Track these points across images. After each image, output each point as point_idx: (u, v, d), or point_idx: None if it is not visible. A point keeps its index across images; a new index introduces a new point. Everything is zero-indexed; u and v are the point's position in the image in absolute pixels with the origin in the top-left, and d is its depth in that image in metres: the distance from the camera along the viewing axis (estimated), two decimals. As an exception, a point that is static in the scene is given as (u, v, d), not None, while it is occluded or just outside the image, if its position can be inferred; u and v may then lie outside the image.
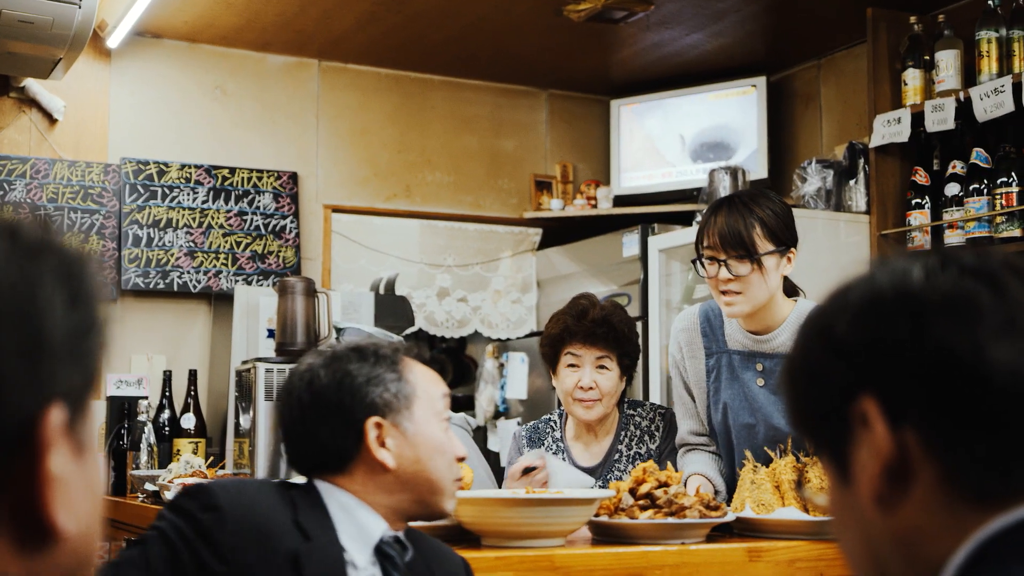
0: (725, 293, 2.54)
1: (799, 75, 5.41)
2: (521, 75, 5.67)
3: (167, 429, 4.33)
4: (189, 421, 4.35)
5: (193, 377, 4.48)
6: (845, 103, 5.11)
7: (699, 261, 2.60)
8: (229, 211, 5.15)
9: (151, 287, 4.94)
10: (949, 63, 4.01)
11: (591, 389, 2.90)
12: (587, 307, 2.95)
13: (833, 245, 4.29)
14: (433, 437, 1.76)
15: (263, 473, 3.81)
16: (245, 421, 3.99)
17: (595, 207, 5.69)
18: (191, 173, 5.10)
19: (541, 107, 5.87)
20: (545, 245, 5.77)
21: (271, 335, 4.42)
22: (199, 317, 5.06)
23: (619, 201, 5.66)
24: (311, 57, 5.36)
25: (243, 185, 5.19)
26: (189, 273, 5.02)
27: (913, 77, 4.16)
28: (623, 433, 2.99)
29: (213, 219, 5.11)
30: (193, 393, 4.43)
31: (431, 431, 1.76)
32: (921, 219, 4.16)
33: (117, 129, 5.00)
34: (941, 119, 3.97)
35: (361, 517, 1.72)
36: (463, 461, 1.81)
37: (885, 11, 4.33)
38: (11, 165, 4.76)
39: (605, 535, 2.33)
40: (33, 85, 4.75)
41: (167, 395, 4.42)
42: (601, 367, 2.91)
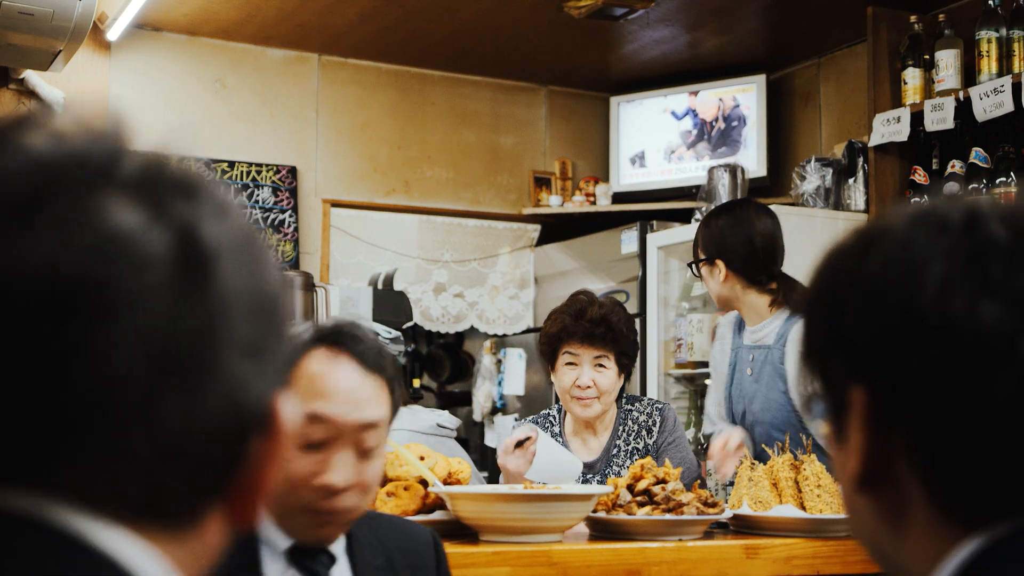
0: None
1: (799, 73, 5.41)
2: (521, 71, 5.67)
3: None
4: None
5: (191, 370, 4.47)
6: (845, 102, 5.11)
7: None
8: (228, 205, 5.14)
9: (149, 280, 4.94)
10: (949, 62, 4.01)
11: (589, 387, 2.90)
12: (585, 305, 2.94)
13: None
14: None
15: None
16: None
17: (594, 204, 5.69)
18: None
19: (541, 103, 5.88)
20: (544, 241, 5.77)
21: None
22: (197, 311, 5.06)
23: (618, 198, 5.66)
24: (311, 51, 5.36)
25: (242, 179, 5.18)
26: (187, 266, 5.02)
27: (913, 76, 4.16)
28: (621, 428, 2.99)
29: (212, 213, 5.10)
30: (191, 386, 4.43)
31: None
32: (920, 218, 4.16)
33: (116, 122, 4.99)
34: (940, 118, 3.97)
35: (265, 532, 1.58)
36: (334, 492, 1.52)
37: (885, 10, 4.33)
38: (10, 157, 4.75)
39: (603, 531, 2.33)
40: (33, 77, 4.74)
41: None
42: (599, 366, 2.92)
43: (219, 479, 0.62)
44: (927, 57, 4.15)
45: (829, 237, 0.85)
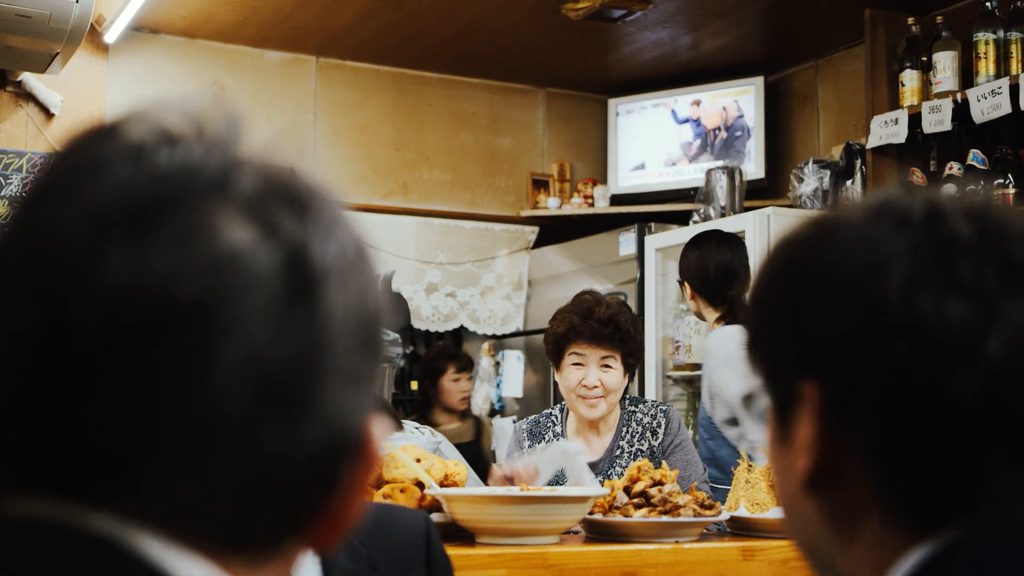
0: None
1: (797, 75, 5.41)
2: (519, 73, 5.67)
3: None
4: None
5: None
6: (842, 104, 5.11)
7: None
8: (226, 207, 5.14)
9: (147, 282, 4.94)
10: (946, 64, 4.01)
11: (595, 387, 2.89)
12: (592, 305, 2.92)
13: (829, 245, 4.29)
14: None
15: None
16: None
17: (592, 206, 5.69)
18: (188, 169, 5.09)
19: (539, 105, 5.87)
20: (542, 243, 5.77)
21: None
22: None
23: (616, 200, 5.66)
24: (309, 53, 5.36)
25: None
26: (185, 269, 5.02)
27: (910, 78, 4.16)
28: (625, 429, 2.98)
29: (209, 215, 5.11)
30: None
31: None
32: (917, 220, 4.15)
33: (114, 124, 4.99)
34: (938, 120, 3.97)
35: None
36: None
37: (883, 12, 4.33)
38: (7, 159, 4.75)
39: (599, 533, 2.33)
40: (30, 79, 4.74)
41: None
42: (605, 366, 2.90)
43: (310, 508, 0.60)
44: (925, 59, 4.15)
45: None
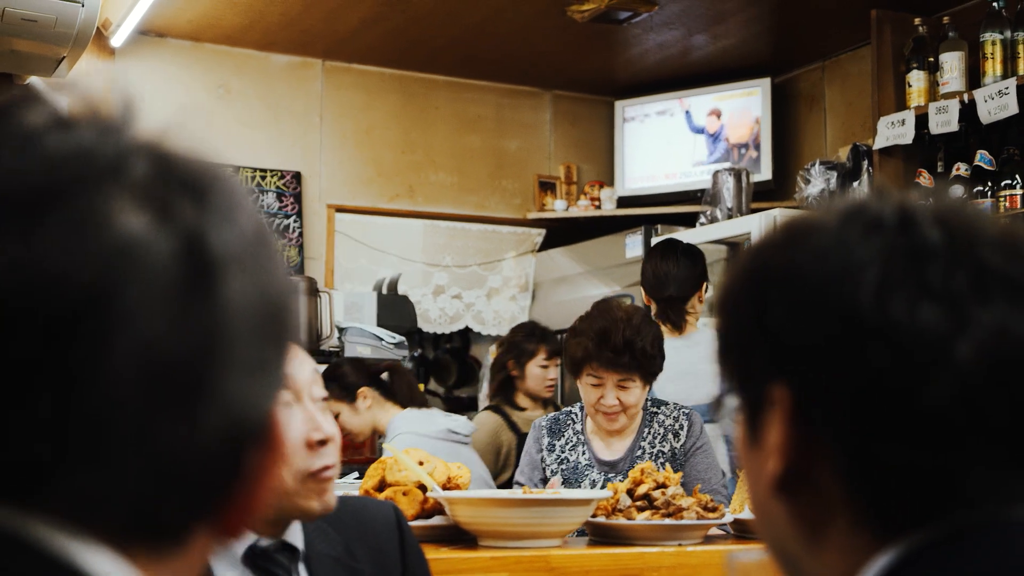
0: None
1: (803, 77, 5.40)
2: (525, 76, 5.66)
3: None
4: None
5: (195, 376, 4.47)
6: (849, 105, 5.10)
7: None
8: (232, 210, 5.15)
9: (154, 286, 4.95)
10: (953, 65, 3.99)
11: (614, 405, 2.86)
12: (609, 328, 2.81)
13: (836, 247, 4.28)
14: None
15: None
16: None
17: (599, 208, 5.68)
18: (195, 172, 5.10)
19: (545, 108, 5.87)
20: (549, 246, 5.77)
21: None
22: (202, 316, 5.06)
23: (623, 202, 5.65)
24: (315, 57, 5.36)
25: (246, 184, 5.19)
26: (192, 272, 5.03)
27: (917, 79, 4.15)
28: (646, 430, 2.95)
29: (216, 218, 5.12)
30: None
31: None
32: (924, 221, 4.14)
33: (121, 128, 5.01)
34: (945, 121, 3.95)
35: None
36: (324, 445, 1.50)
37: (889, 13, 4.31)
38: (15, 163, 4.77)
39: (602, 536, 2.32)
40: (37, 83, 4.75)
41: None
42: (623, 386, 2.85)
43: (213, 497, 0.60)
44: (931, 60, 4.13)
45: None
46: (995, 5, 3.87)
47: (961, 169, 4.02)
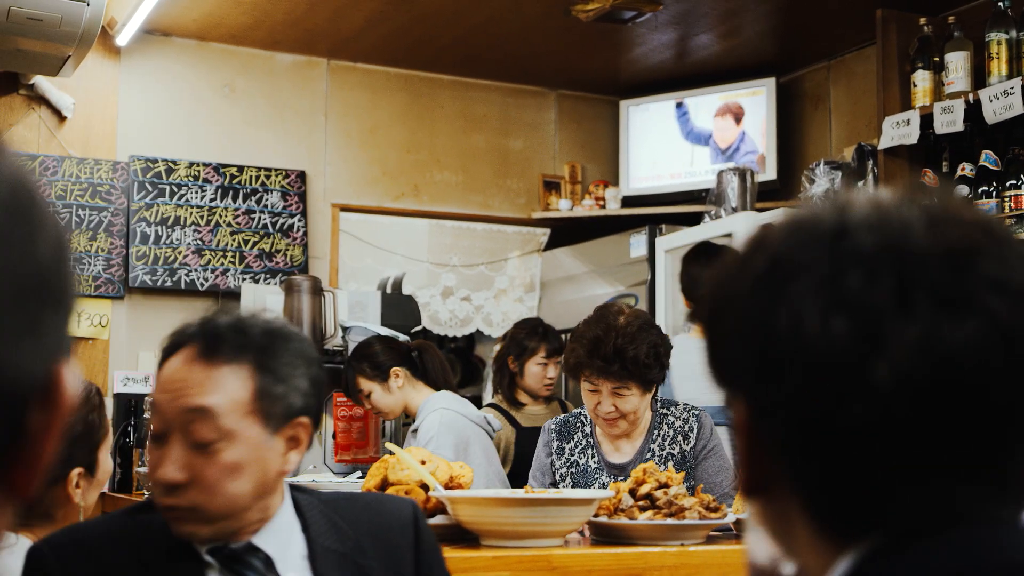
0: None
1: (808, 76, 5.39)
2: (530, 75, 5.66)
3: (173, 426, 4.34)
4: (195, 419, 4.35)
5: (199, 375, 4.48)
6: (854, 104, 5.09)
7: None
8: (237, 209, 5.16)
9: (158, 285, 4.96)
10: (958, 65, 3.98)
11: (611, 411, 2.85)
12: (600, 338, 2.78)
13: (841, 247, 4.28)
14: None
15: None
16: (250, 419, 3.98)
17: (603, 207, 5.68)
18: (199, 171, 5.11)
19: (550, 107, 5.87)
20: (553, 245, 5.77)
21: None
22: (206, 315, 5.06)
23: (627, 202, 5.65)
24: (320, 56, 5.37)
25: (251, 183, 5.20)
26: (197, 271, 5.03)
27: (922, 79, 4.14)
28: (656, 432, 2.93)
29: (221, 217, 5.12)
30: (199, 391, 4.43)
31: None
32: (929, 221, 4.13)
33: (126, 127, 5.02)
34: (950, 121, 3.95)
35: None
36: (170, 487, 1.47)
37: (895, 12, 4.31)
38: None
39: (604, 535, 2.32)
40: (42, 82, 4.76)
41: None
42: (618, 393, 2.83)
43: None
44: (937, 59, 4.13)
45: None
46: (1001, 5, 3.86)
47: (966, 169, 4.01)
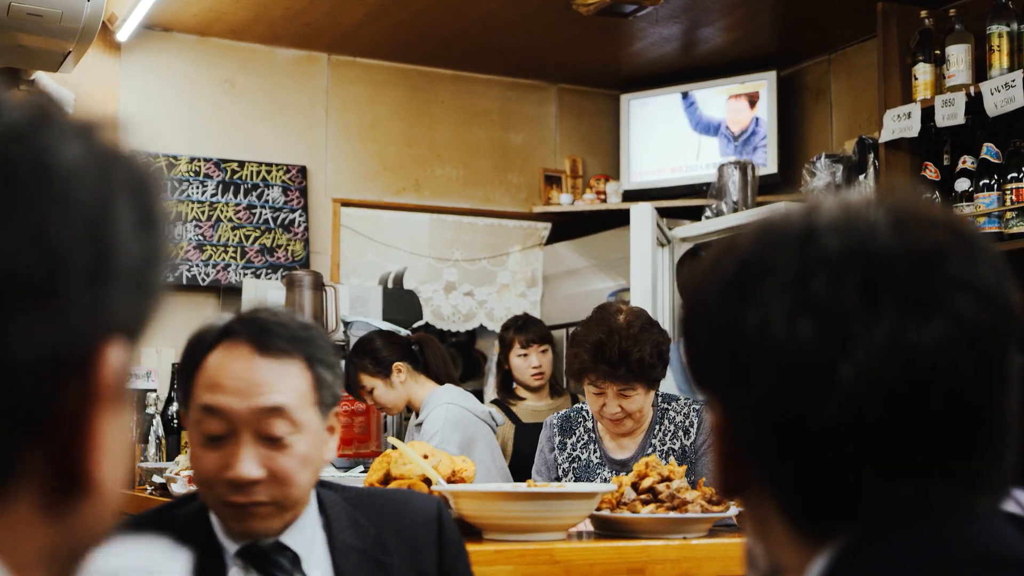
0: None
1: (809, 70, 5.39)
2: (530, 69, 5.66)
3: (175, 422, 4.34)
4: (197, 414, 4.36)
5: (201, 370, 4.48)
6: (855, 98, 5.08)
7: None
8: (238, 204, 5.16)
9: (160, 280, 4.95)
10: (960, 57, 3.98)
11: (616, 412, 2.84)
12: (604, 342, 2.76)
13: (842, 240, 4.28)
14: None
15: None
16: (252, 414, 3.99)
17: (604, 201, 5.68)
18: (200, 166, 5.11)
19: (551, 101, 5.87)
20: (554, 239, 5.76)
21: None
22: (207, 310, 5.07)
23: (628, 195, 5.65)
24: (320, 51, 5.36)
25: (252, 179, 5.20)
26: (198, 266, 5.03)
27: (923, 72, 4.14)
28: (657, 427, 2.92)
29: (222, 212, 5.12)
30: (201, 386, 4.43)
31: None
32: (931, 214, 4.13)
33: (126, 122, 5.01)
34: (951, 114, 3.94)
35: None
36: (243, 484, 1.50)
37: (895, 5, 4.30)
38: (21, 158, 4.77)
39: (607, 529, 2.32)
40: (43, 78, 4.76)
41: (175, 388, 4.43)
42: (624, 395, 2.82)
43: (26, 424, 0.56)
44: (938, 52, 4.12)
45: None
46: (1001, -3, 3.86)
47: (967, 162, 4.00)
